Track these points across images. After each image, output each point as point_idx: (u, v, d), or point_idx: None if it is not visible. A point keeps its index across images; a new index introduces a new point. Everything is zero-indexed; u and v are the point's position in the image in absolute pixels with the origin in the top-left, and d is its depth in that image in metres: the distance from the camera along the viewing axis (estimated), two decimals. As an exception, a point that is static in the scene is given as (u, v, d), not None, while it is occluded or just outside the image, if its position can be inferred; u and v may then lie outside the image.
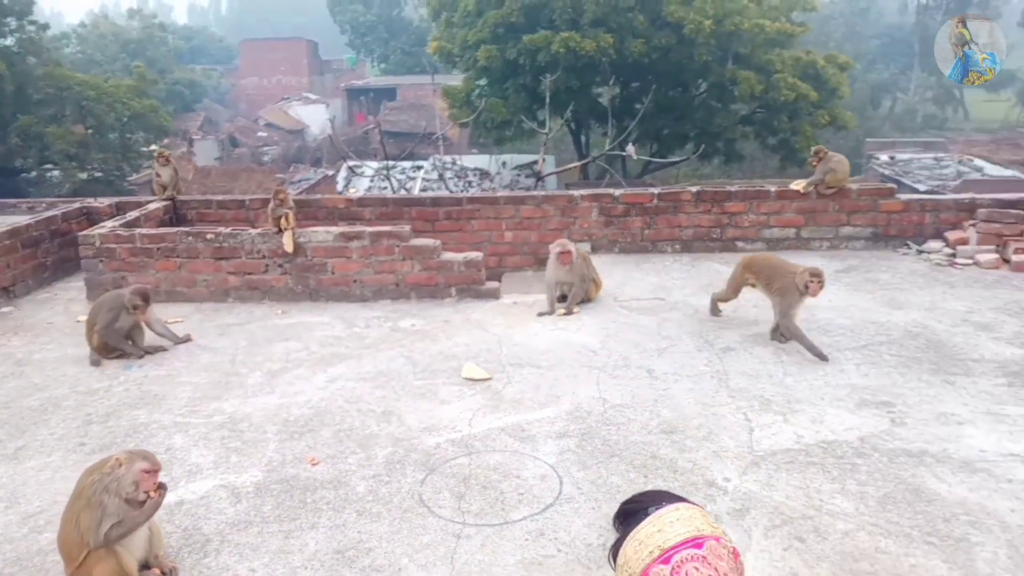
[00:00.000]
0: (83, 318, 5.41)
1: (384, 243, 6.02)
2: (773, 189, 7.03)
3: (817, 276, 4.72)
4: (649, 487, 3.30)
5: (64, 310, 6.17)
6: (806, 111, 18.16)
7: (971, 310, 5.54)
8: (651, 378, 4.62)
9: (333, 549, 3.18)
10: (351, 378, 4.79)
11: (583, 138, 21.88)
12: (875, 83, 43.06)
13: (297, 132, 37.05)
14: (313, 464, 3.83)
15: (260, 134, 36.36)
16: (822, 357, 4.71)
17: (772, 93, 17.34)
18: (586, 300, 5.85)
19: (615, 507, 3.31)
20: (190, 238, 6.10)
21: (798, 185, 6.95)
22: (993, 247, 6.55)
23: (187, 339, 5.40)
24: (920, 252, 6.78)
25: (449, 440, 4.01)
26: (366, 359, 5.08)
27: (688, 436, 3.95)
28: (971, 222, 6.77)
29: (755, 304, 5.77)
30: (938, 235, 6.88)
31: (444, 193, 8.15)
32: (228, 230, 6.17)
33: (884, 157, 25.92)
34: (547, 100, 15.09)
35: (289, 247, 5.99)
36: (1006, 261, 6.42)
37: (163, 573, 3.00)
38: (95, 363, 5.03)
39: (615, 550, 1.59)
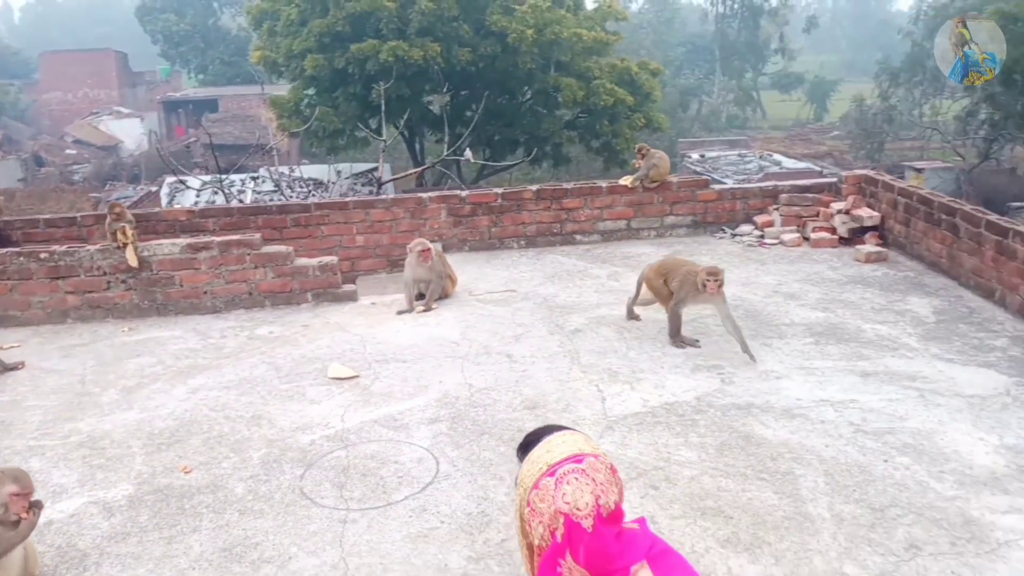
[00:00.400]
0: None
1: (234, 252, 5.98)
2: (604, 185, 7.58)
3: (714, 275, 4.82)
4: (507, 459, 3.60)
5: None
6: (624, 115, 19.17)
7: (780, 283, 6.26)
8: (511, 362, 4.93)
9: (219, 548, 3.24)
10: (214, 387, 4.77)
11: (417, 146, 22.10)
12: (682, 87, 46.09)
13: (110, 148, 34.73)
14: (186, 472, 3.82)
15: (69, 152, 33.78)
16: (691, 345, 5.04)
17: (593, 98, 18.24)
18: (443, 296, 6.08)
19: (490, 480, 3.58)
20: (21, 259, 5.77)
21: (626, 181, 7.53)
22: (794, 227, 7.40)
23: (18, 366, 5.12)
24: (734, 235, 7.54)
25: (323, 436, 4.12)
26: (227, 368, 5.05)
27: (549, 409, 4.28)
28: (774, 207, 7.62)
29: (596, 290, 6.25)
30: (748, 220, 7.67)
31: (292, 200, 8.12)
32: (63, 248, 5.89)
33: (695, 155, 28.03)
34: (383, 108, 15.20)
35: (133, 261, 5.81)
36: (806, 239, 7.27)
37: None
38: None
39: (517, 475, 1.84)
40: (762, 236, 7.39)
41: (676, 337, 5.10)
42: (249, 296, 6.07)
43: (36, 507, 2.89)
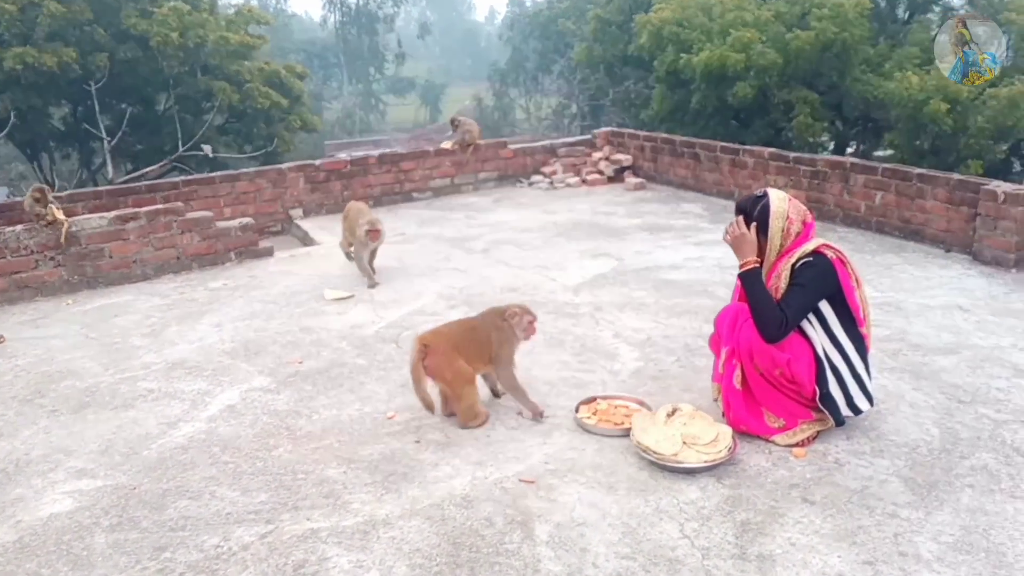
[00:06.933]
0: None
1: (161, 220, 6.37)
2: (432, 149, 9.05)
3: None
4: (537, 300, 5.15)
5: None
6: (279, 117, 19.76)
7: (593, 209, 8.36)
8: (462, 272, 6.29)
9: (398, 385, 4.27)
10: (233, 320, 5.41)
11: (47, 162, 20.20)
12: (311, 92, 47.33)
13: None
14: (299, 363, 4.65)
15: None
16: None
17: (248, 102, 18.59)
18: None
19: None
20: (-55, 243, 5.59)
21: (447, 144, 9.09)
22: (573, 174, 9.61)
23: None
24: (530, 184, 9.53)
25: (381, 327, 5.15)
26: (223, 310, 5.65)
27: (524, 291, 5.77)
28: (554, 159, 9.75)
29: (468, 226, 7.76)
30: (537, 171, 9.70)
31: (161, 180, 8.09)
32: (-15, 230, 5.79)
33: (344, 156, 29.79)
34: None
35: (64, 238, 5.94)
36: (584, 181, 9.50)
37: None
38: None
39: (758, 214, 3.44)
40: (552, 183, 9.46)
41: None
42: (177, 261, 6.50)
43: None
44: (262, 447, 3.68)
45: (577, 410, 3.84)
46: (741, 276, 3.39)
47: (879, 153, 16.37)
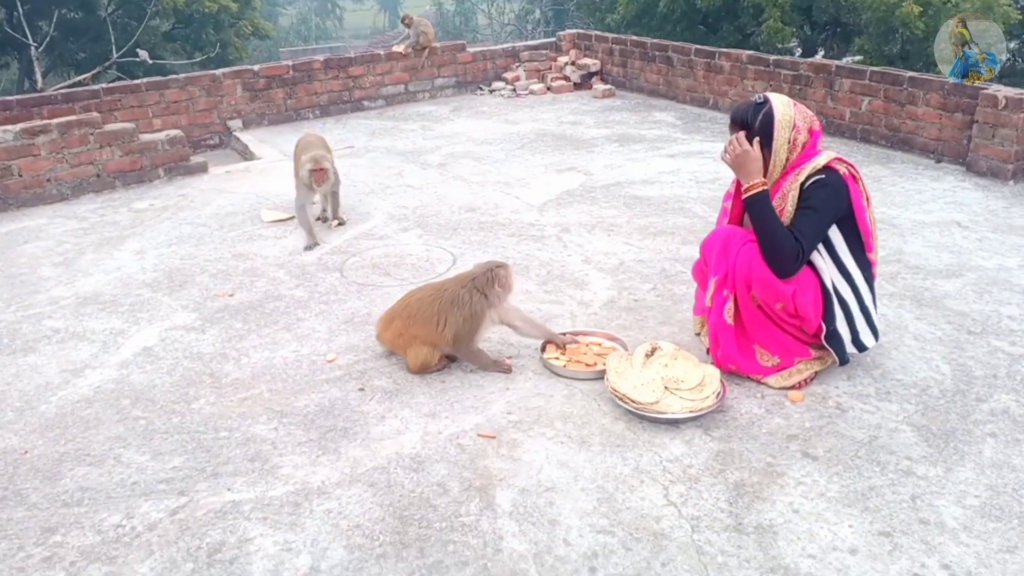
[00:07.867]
0: None
1: (76, 133, 5.64)
2: (383, 52, 8.27)
3: None
4: (497, 236, 4.63)
5: None
6: (229, 22, 18.78)
7: (558, 118, 7.74)
8: (416, 189, 5.72)
9: (341, 320, 3.76)
10: (158, 246, 4.82)
11: None
12: (267, -3, 45.09)
13: None
14: (229, 296, 4.11)
15: None
16: None
17: (195, 6, 17.61)
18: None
19: (497, 248, 4.48)
20: None
21: (399, 47, 8.31)
22: (537, 80, 8.91)
23: None
24: (491, 91, 8.83)
25: (324, 253, 4.61)
26: (147, 234, 5.05)
27: (484, 211, 5.24)
28: (517, 64, 9.03)
29: (423, 139, 7.12)
30: (498, 77, 8.99)
31: (80, 89, 7.21)
32: None
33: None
34: None
35: (-39, 153, 5.23)
36: (549, 88, 8.83)
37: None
38: None
39: (761, 125, 2.90)
40: (514, 90, 8.78)
41: None
42: (98, 178, 5.81)
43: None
44: (180, 399, 3.18)
45: (543, 349, 3.38)
46: (747, 201, 2.88)
47: (847, 59, 15.76)
